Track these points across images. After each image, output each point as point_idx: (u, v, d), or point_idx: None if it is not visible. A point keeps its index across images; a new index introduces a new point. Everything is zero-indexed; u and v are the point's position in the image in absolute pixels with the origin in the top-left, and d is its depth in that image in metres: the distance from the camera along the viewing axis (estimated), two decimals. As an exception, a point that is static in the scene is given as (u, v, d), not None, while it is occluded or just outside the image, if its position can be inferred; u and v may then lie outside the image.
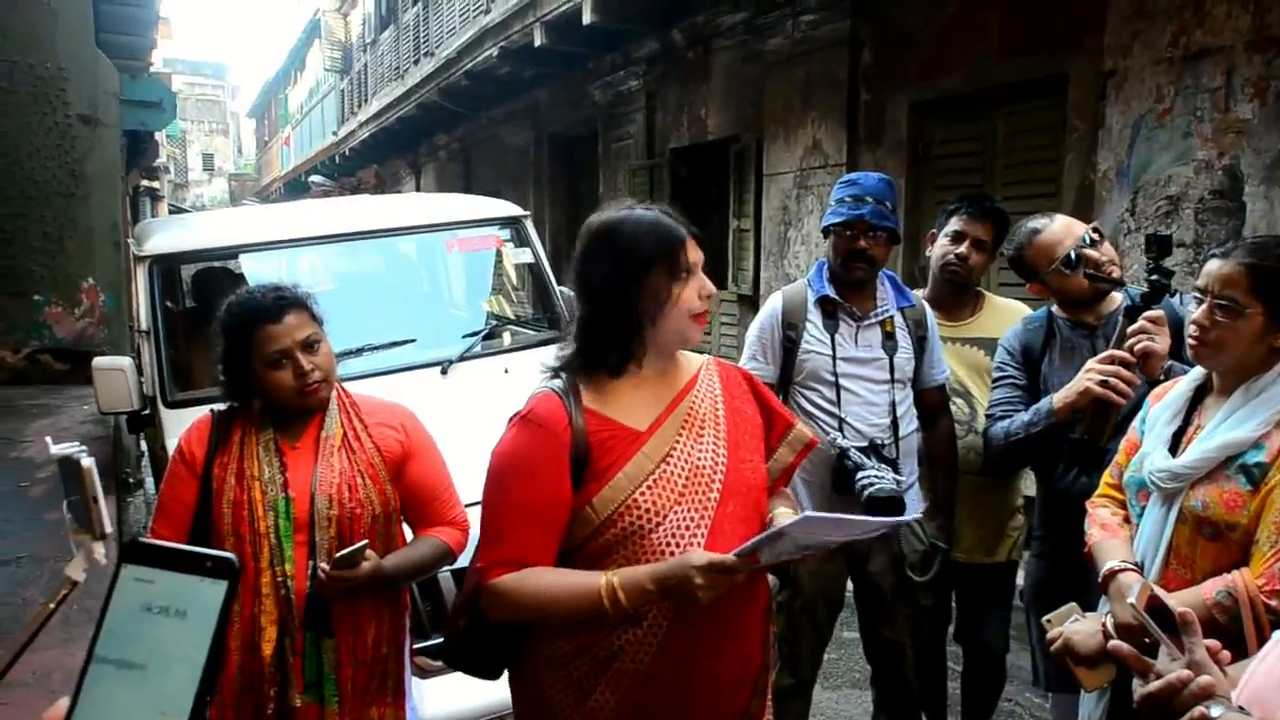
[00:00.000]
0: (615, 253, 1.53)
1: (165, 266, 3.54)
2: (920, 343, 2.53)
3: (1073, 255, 2.28)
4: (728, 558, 1.38)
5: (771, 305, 2.56)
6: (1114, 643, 1.23)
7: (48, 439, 1.62)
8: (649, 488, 1.51)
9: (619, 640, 1.51)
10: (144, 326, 3.33)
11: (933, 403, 2.59)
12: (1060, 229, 2.34)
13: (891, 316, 2.50)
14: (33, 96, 6.07)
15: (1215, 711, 1.05)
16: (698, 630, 1.50)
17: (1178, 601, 1.23)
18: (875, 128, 5.74)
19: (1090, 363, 2.10)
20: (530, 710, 1.64)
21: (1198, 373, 1.80)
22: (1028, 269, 2.40)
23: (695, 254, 1.55)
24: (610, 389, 1.57)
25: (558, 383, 1.57)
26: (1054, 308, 2.41)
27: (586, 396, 1.56)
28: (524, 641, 1.60)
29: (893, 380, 2.46)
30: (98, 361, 3.14)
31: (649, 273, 1.51)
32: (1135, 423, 1.89)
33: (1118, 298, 2.29)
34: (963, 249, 2.67)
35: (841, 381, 2.44)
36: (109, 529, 1.48)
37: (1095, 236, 2.32)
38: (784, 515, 1.59)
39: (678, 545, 1.49)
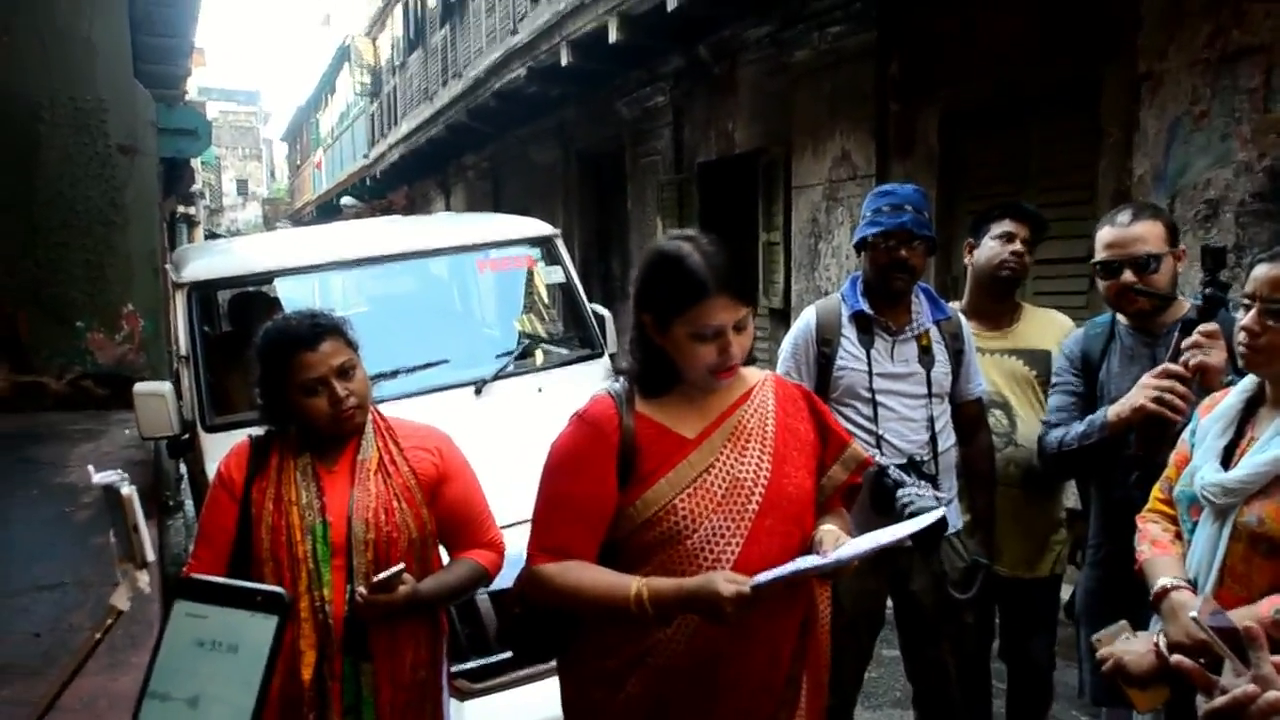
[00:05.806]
0: (650, 293, 1.60)
1: (203, 292, 3.60)
2: (957, 356, 2.49)
3: (1104, 264, 2.24)
4: (747, 590, 1.43)
5: (805, 320, 2.54)
6: (1177, 657, 1.19)
7: (90, 467, 1.64)
8: (688, 495, 1.58)
9: (650, 639, 1.59)
10: (183, 352, 3.38)
11: (970, 416, 2.55)
12: (1120, 235, 2.22)
13: (927, 330, 2.46)
14: (74, 128, 6.19)
15: None
16: (724, 633, 1.54)
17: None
18: (905, 139, 5.70)
19: (1145, 378, 2.04)
20: (573, 700, 1.74)
21: (1249, 382, 1.75)
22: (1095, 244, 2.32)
23: (724, 315, 1.53)
24: (663, 397, 1.65)
25: (616, 386, 1.68)
26: (1118, 314, 2.35)
27: (640, 402, 1.65)
28: (569, 631, 1.69)
29: (930, 395, 2.42)
30: (138, 387, 3.18)
31: (672, 324, 1.56)
32: (1185, 435, 1.85)
33: (1186, 305, 2.18)
34: (1017, 246, 2.64)
35: (878, 398, 2.41)
36: (151, 557, 1.49)
37: (1152, 263, 2.19)
38: (828, 533, 1.61)
39: (711, 552, 1.56)
